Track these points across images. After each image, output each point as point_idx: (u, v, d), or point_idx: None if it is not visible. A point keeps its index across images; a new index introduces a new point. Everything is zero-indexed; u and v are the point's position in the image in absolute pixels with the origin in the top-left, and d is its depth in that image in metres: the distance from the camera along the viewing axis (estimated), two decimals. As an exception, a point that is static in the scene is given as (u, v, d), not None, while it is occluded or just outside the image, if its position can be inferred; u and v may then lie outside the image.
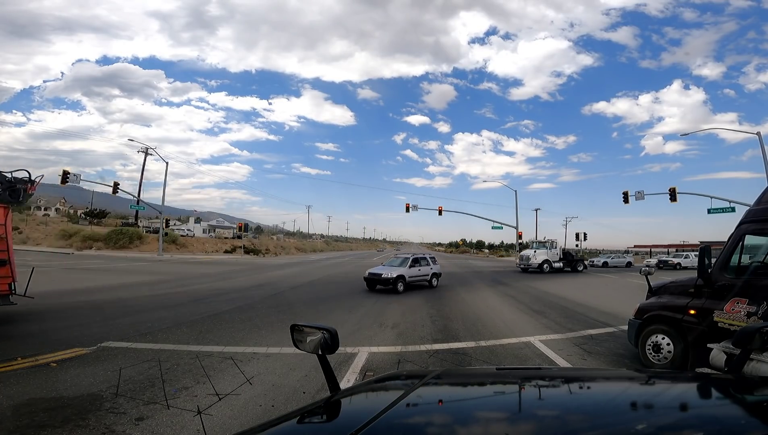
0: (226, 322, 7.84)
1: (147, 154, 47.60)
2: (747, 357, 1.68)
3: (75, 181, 31.30)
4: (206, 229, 69.33)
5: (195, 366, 4.96)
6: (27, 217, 51.52)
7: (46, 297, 10.33)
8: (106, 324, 7.36)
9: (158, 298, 11.02)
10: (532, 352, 6.09)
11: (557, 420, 1.02)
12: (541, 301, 12.02)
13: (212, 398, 3.93)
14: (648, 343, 5.13)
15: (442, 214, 47.20)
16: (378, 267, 14.52)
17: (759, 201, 4.48)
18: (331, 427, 1.01)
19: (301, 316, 8.96)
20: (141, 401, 3.81)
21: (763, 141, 25.86)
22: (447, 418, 1.06)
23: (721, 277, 4.48)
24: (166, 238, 39.01)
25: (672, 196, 30.47)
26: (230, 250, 44.58)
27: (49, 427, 3.21)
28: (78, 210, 71.80)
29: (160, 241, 36.79)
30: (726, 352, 3.84)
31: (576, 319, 9.07)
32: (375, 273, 13.80)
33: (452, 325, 8.11)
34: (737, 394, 1.29)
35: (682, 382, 1.54)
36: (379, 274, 13.57)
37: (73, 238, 38.82)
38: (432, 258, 15.97)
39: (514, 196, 39.97)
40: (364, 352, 5.76)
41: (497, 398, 1.30)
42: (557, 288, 16.35)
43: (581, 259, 28.36)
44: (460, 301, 11.73)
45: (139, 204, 39.91)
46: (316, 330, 1.40)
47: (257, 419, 3.45)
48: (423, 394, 1.18)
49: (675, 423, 1.01)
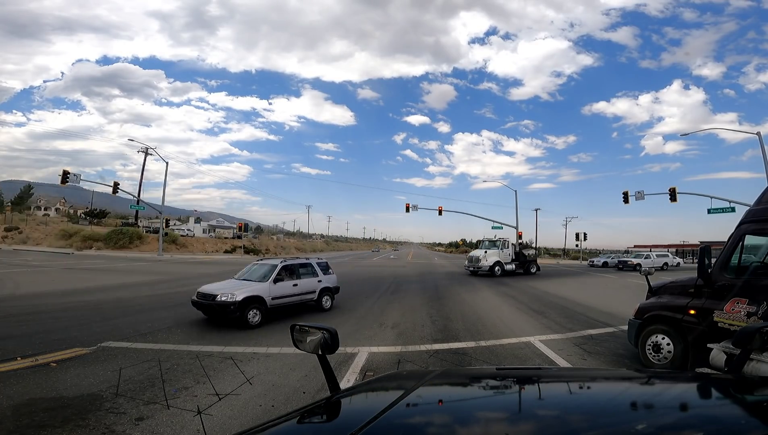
0: (226, 321, 7.83)
1: (147, 154, 47.58)
2: (747, 357, 1.68)
3: (75, 181, 31.28)
4: (206, 229, 69.32)
5: (195, 366, 4.96)
6: (27, 217, 51.54)
7: (47, 297, 10.34)
8: (106, 324, 7.36)
9: (158, 298, 11.02)
10: (532, 352, 6.09)
11: (557, 420, 1.02)
12: (541, 301, 12.02)
13: (212, 398, 3.93)
14: (648, 343, 5.13)
15: (442, 214, 47.20)
16: (215, 284, 8.76)
17: (759, 201, 4.47)
18: (331, 427, 1.01)
19: (301, 315, 8.95)
20: (141, 401, 3.81)
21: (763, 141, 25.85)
22: (447, 418, 1.06)
23: (721, 277, 4.48)
24: (166, 238, 39.00)
25: (672, 196, 30.47)
26: (230, 250, 44.58)
27: (49, 427, 3.21)
28: (78, 210, 71.84)
29: (160, 241, 36.78)
30: (726, 352, 3.84)
31: (576, 319, 9.07)
32: (207, 293, 7.96)
33: (452, 325, 8.11)
34: (737, 394, 1.29)
35: (682, 382, 1.54)
36: (213, 296, 7.78)
37: (73, 238, 38.83)
38: (323, 264, 10.40)
39: (514, 196, 39.84)
40: (364, 352, 5.76)
41: (497, 398, 1.30)
42: (557, 288, 16.36)
43: (534, 260, 25.10)
44: (460, 301, 11.73)
45: (139, 204, 39.89)
46: (316, 330, 1.40)
47: (257, 419, 3.45)
48: (423, 394, 1.18)
49: (675, 423, 1.01)
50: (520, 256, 24.06)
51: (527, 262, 24.24)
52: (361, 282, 17.63)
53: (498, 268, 22.01)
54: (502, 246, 23.23)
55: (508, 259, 23.02)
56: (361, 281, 18.05)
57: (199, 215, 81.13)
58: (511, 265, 22.96)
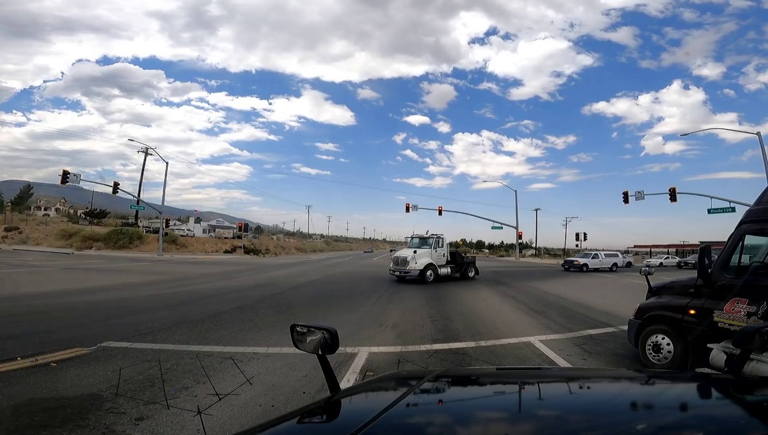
0: (226, 322, 7.84)
1: (147, 154, 47.69)
2: (747, 357, 1.68)
3: (75, 181, 31.37)
4: (206, 229, 69.33)
5: (195, 366, 4.96)
6: (27, 217, 51.55)
7: (46, 297, 10.35)
8: (106, 324, 7.35)
9: (158, 297, 11.02)
10: (532, 352, 6.09)
11: (557, 420, 1.02)
12: (541, 301, 12.02)
13: (212, 398, 3.93)
14: (648, 343, 5.13)
15: (442, 214, 47.36)
16: None
17: (759, 201, 4.48)
18: (331, 427, 1.01)
19: (301, 315, 8.96)
20: (141, 401, 3.81)
21: (763, 141, 25.92)
22: (447, 418, 1.06)
23: (721, 277, 4.48)
24: (166, 238, 39.02)
25: (672, 196, 30.54)
26: (230, 250, 44.59)
27: (49, 427, 3.21)
28: (78, 210, 71.87)
29: (160, 241, 36.80)
30: (726, 352, 3.84)
31: (576, 319, 9.07)
32: None
33: (452, 325, 8.11)
34: (737, 394, 1.29)
35: (682, 382, 1.54)
36: None
37: (73, 238, 38.86)
38: None
39: (514, 196, 39.95)
40: (364, 352, 5.76)
41: (497, 398, 1.30)
42: (557, 288, 16.38)
43: (472, 263, 20.69)
44: (460, 302, 11.73)
45: (139, 204, 39.96)
46: (316, 330, 1.40)
47: (257, 419, 3.45)
48: (423, 394, 1.19)
49: (675, 423, 1.02)
50: (456, 258, 19.97)
51: (465, 264, 20.03)
52: (361, 282, 17.65)
53: (430, 272, 17.68)
54: (436, 245, 18.65)
55: (443, 261, 18.75)
56: (361, 281, 18.07)
57: (199, 215, 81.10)
58: (446, 268, 18.71)
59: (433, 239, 18.82)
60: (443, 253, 18.91)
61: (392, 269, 18.37)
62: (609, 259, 31.81)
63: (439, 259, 18.54)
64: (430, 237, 18.95)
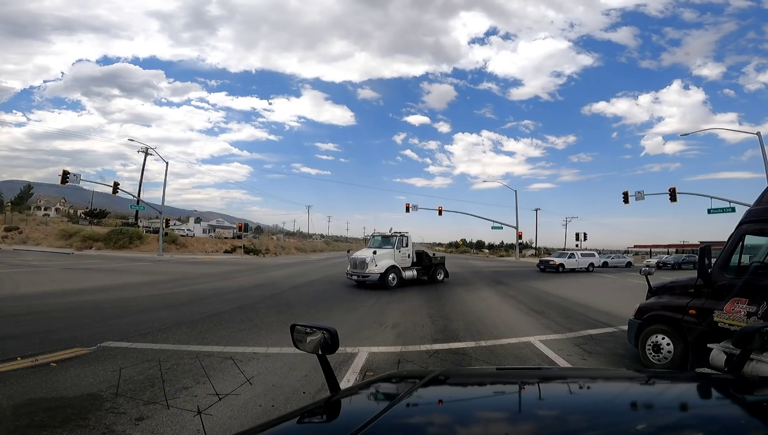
0: (226, 322, 7.84)
1: (147, 154, 47.66)
2: (747, 357, 1.69)
3: (75, 181, 31.34)
4: (206, 229, 69.31)
5: (195, 366, 4.96)
6: (27, 217, 51.55)
7: (46, 297, 10.34)
8: (106, 324, 7.35)
9: (158, 298, 11.02)
10: (532, 352, 6.09)
11: (557, 420, 1.02)
12: (541, 301, 12.02)
13: (212, 398, 3.93)
14: (648, 343, 5.14)
15: (442, 214, 47.38)
16: None
17: (759, 201, 4.48)
18: (331, 427, 1.01)
19: (301, 315, 8.96)
20: (141, 401, 3.81)
21: (763, 141, 25.92)
22: (447, 418, 1.06)
23: (721, 277, 4.48)
24: (166, 238, 38.98)
25: (672, 196, 30.55)
26: (230, 250, 44.56)
27: (49, 427, 3.21)
28: (78, 210, 71.87)
29: (160, 241, 36.77)
30: (726, 352, 3.84)
31: (576, 319, 9.08)
32: None
33: (452, 325, 8.11)
34: (737, 394, 1.29)
35: (682, 382, 1.55)
36: None
37: (73, 238, 38.81)
38: None
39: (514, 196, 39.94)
40: (364, 352, 5.76)
41: (497, 398, 1.30)
42: (557, 288, 16.39)
43: (441, 264, 18.17)
44: (460, 301, 11.73)
45: (139, 204, 39.95)
46: (316, 330, 1.40)
47: (257, 419, 3.45)
48: (423, 394, 1.19)
49: (675, 423, 1.02)
50: (423, 259, 17.58)
51: (433, 266, 17.63)
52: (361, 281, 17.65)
53: (393, 275, 15.37)
54: (399, 244, 16.31)
55: (408, 263, 16.50)
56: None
57: (199, 215, 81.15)
58: (411, 270, 16.43)
59: (396, 238, 16.54)
60: (408, 254, 16.66)
61: (349, 272, 15.93)
62: (585, 259, 31.12)
63: (403, 261, 16.32)
64: (393, 235, 16.74)
